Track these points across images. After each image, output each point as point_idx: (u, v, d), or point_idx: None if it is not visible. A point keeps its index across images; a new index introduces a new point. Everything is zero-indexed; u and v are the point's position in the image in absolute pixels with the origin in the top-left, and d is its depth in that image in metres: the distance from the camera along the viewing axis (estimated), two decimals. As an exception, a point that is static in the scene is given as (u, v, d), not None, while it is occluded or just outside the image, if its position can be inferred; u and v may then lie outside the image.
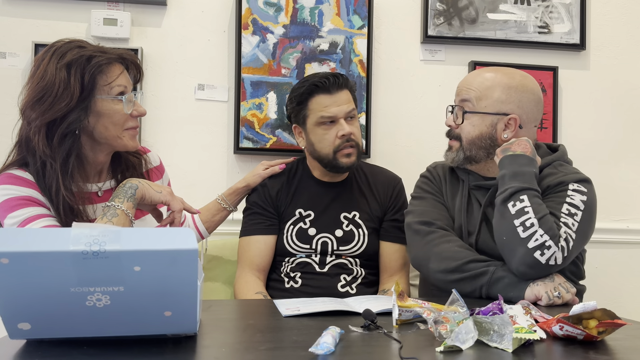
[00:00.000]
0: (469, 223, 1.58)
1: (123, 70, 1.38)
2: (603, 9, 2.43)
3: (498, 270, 1.42)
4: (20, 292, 0.85)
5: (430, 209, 1.62)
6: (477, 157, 1.60)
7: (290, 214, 1.83)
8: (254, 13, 2.19)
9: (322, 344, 0.91)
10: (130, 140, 1.40)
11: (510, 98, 1.56)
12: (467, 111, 1.59)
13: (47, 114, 1.28)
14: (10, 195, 1.30)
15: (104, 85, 1.33)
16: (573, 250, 1.41)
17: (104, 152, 1.41)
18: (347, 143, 1.77)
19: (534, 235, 1.37)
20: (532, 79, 1.62)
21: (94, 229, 0.84)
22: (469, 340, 0.95)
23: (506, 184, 1.45)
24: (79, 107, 1.29)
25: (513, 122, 1.56)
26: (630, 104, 2.44)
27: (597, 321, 1.02)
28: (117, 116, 1.35)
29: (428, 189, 1.68)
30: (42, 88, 1.29)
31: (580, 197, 1.47)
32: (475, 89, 1.59)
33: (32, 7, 2.13)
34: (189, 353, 0.92)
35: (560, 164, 1.58)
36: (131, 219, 1.29)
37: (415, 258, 1.59)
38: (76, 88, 1.28)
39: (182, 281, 0.87)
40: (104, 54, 1.34)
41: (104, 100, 1.34)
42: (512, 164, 1.47)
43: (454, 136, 1.64)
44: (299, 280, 1.77)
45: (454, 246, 1.50)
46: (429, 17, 2.30)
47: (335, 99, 1.77)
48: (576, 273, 1.57)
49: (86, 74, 1.30)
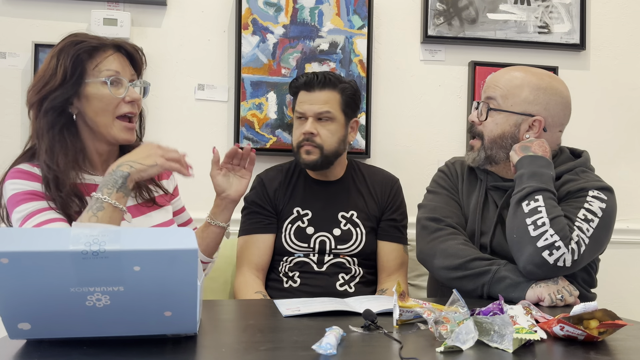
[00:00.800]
0: (483, 223, 1.57)
1: (114, 55, 1.36)
2: (603, 9, 2.43)
3: (501, 269, 1.42)
4: (20, 292, 0.85)
5: (442, 205, 1.61)
6: (497, 158, 1.58)
7: (288, 213, 1.83)
8: (254, 13, 2.19)
9: (325, 344, 0.91)
10: (121, 131, 1.37)
11: (538, 99, 1.54)
12: (492, 108, 1.57)
13: (35, 96, 1.33)
14: (16, 190, 1.31)
15: (93, 69, 1.33)
16: (585, 256, 1.40)
17: (102, 141, 1.39)
18: (306, 142, 1.79)
19: (544, 235, 1.36)
20: (562, 81, 1.60)
21: (94, 228, 0.84)
22: (470, 341, 0.95)
23: (524, 183, 1.44)
24: (63, 86, 1.31)
25: (537, 124, 1.54)
26: (630, 104, 2.44)
27: (597, 322, 1.02)
28: (106, 100, 1.33)
29: (444, 184, 1.67)
30: (38, 77, 1.34)
31: (599, 204, 1.45)
32: (503, 86, 1.56)
33: (32, 7, 2.13)
34: (189, 353, 0.92)
35: (582, 171, 1.56)
36: (122, 209, 1.23)
37: (420, 253, 1.59)
38: (61, 72, 1.31)
39: (182, 281, 0.87)
40: (95, 40, 1.35)
41: (92, 84, 1.33)
42: (531, 164, 1.46)
43: (476, 133, 1.62)
44: (298, 279, 1.77)
45: (458, 243, 1.50)
46: (429, 17, 2.30)
47: (311, 97, 1.79)
48: (588, 281, 1.56)
49: (71, 58, 1.31)
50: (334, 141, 1.80)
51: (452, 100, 2.35)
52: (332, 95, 1.79)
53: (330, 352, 0.90)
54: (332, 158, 1.82)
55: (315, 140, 1.78)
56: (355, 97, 1.85)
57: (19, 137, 2.12)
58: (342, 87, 1.81)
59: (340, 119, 1.81)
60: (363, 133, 2.24)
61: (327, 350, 0.90)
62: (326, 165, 1.82)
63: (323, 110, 1.78)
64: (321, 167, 1.82)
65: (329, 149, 1.80)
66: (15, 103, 2.13)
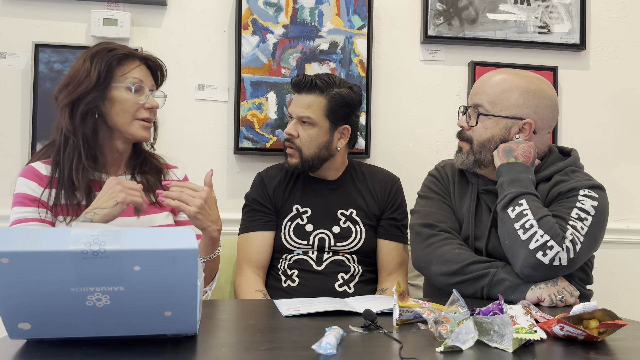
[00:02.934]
0: (477, 227, 1.57)
1: (140, 66, 1.51)
2: (603, 9, 2.43)
3: (499, 272, 1.42)
4: (20, 292, 0.85)
5: (435, 210, 1.61)
6: (487, 161, 1.58)
7: (287, 210, 1.83)
8: (254, 13, 2.19)
9: (325, 344, 0.91)
10: (140, 129, 1.50)
11: (528, 102, 1.54)
12: (482, 113, 1.56)
13: (69, 96, 1.45)
14: (18, 190, 1.45)
15: (120, 75, 1.47)
16: (581, 254, 1.40)
17: (119, 140, 1.51)
18: (288, 143, 1.82)
19: (534, 236, 1.37)
20: (549, 83, 1.60)
21: (94, 228, 0.84)
22: (469, 341, 0.95)
23: (505, 190, 1.45)
24: (95, 90, 1.44)
25: (528, 127, 1.54)
26: (630, 104, 2.44)
27: (597, 321, 1.02)
28: (127, 104, 1.47)
29: (435, 188, 1.67)
30: (70, 76, 1.47)
31: (591, 203, 1.45)
32: (490, 92, 1.56)
33: (32, 7, 2.13)
34: (189, 353, 0.92)
35: (572, 170, 1.56)
36: None
37: (416, 260, 1.59)
38: (94, 75, 1.44)
39: (182, 281, 0.87)
40: (126, 50, 1.50)
41: (118, 88, 1.47)
42: (509, 171, 1.47)
43: (465, 138, 1.61)
44: (296, 279, 1.77)
45: (454, 248, 1.50)
46: (429, 17, 2.30)
47: (298, 99, 1.81)
48: (584, 280, 1.56)
49: (105, 63, 1.45)
50: (313, 146, 1.80)
51: (452, 100, 2.35)
52: (317, 100, 1.78)
53: (330, 352, 0.90)
54: (315, 162, 1.81)
55: (295, 142, 1.80)
56: (345, 105, 1.80)
57: (19, 137, 2.12)
58: (331, 94, 1.78)
59: (323, 125, 1.79)
60: (363, 133, 2.24)
61: (327, 350, 0.90)
62: (310, 169, 1.83)
63: (304, 115, 1.78)
64: (303, 170, 1.82)
65: (307, 153, 1.80)
66: (15, 103, 2.13)
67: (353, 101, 1.83)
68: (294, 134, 1.80)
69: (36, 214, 1.42)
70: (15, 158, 2.11)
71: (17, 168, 2.10)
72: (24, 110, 2.12)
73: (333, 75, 1.84)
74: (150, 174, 1.56)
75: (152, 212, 1.51)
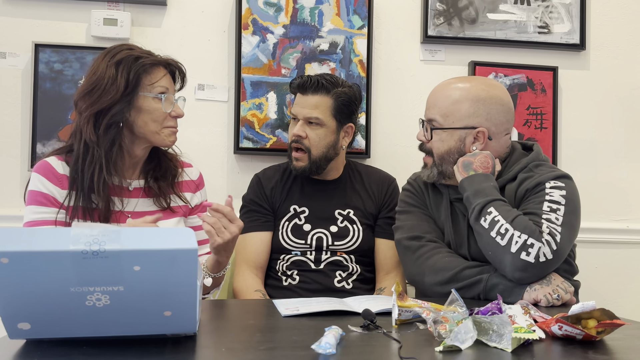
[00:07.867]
0: (456, 235, 1.58)
1: (166, 74, 1.50)
2: (603, 9, 2.43)
3: (492, 277, 1.43)
4: (20, 292, 0.85)
5: (418, 223, 1.62)
6: (450, 173, 1.59)
7: (285, 211, 1.84)
8: (254, 13, 2.19)
9: (324, 344, 0.91)
10: (169, 135, 1.51)
11: (478, 111, 1.55)
12: (434, 127, 1.58)
13: (95, 105, 1.41)
14: (34, 187, 1.43)
15: (148, 84, 1.45)
16: (563, 244, 1.39)
17: (141, 146, 1.50)
18: (295, 144, 1.81)
19: (512, 239, 1.37)
20: (502, 87, 1.61)
21: (94, 228, 0.85)
22: (468, 340, 0.95)
23: (472, 204, 1.46)
24: (122, 101, 1.41)
25: (481, 135, 1.55)
26: (630, 103, 2.44)
27: (596, 321, 1.02)
28: (156, 113, 1.46)
29: (412, 202, 1.68)
30: (93, 82, 1.42)
31: (559, 193, 1.46)
32: (442, 105, 1.57)
33: (32, 7, 2.13)
34: (188, 353, 0.92)
35: (535, 165, 1.56)
36: None
37: (409, 274, 1.60)
38: (121, 84, 1.40)
39: (182, 281, 0.87)
40: (151, 56, 1.47)
41: (146, 98, 1.45)
42: (471, 185, 1.48)
43: (427, 151, 1.63)
44: (297, 277, 1.78)
45: (444, 257, 1.51)
46: (429, 17, 2.30)
47: (304, 100, 1.80)
48: (569, 270, 1.57)
49: (132, 72, 1.42)
50: (322, 145, 1.81)
51: (452, 100, 2.35)
52: (324, 100, 1.79)
53: (329, 352, 0.90)
54: (322, 163, 1.82)
55: (304, 143, 1.80)
56: (350, 103, 1.82)
57: (19, 137, 2.12)
58: (336, 93, 1.80)
59: (331, 124, 1.81)
60: (363, 133, 2.24)
61: (326, 350, 0.90)
62: (316, 171, 1.83)
63: (312, 116, 1.79)
64: (310, 173, 1.83)
65: (316, 153, 1.80)
66: (15, 103, 2.13)
67: (357, 99, 1.86)
68: (302, 135, 1.80)
69: (52, 215, 1.40)
70: (15, 158, 2.12)
71: (17, 168, 2.10)
72: (24, 110, 2.12)
73: (334, 75, 1.85)
74: (163, 179, 1.56)
75: (165, 217, 1.52)
